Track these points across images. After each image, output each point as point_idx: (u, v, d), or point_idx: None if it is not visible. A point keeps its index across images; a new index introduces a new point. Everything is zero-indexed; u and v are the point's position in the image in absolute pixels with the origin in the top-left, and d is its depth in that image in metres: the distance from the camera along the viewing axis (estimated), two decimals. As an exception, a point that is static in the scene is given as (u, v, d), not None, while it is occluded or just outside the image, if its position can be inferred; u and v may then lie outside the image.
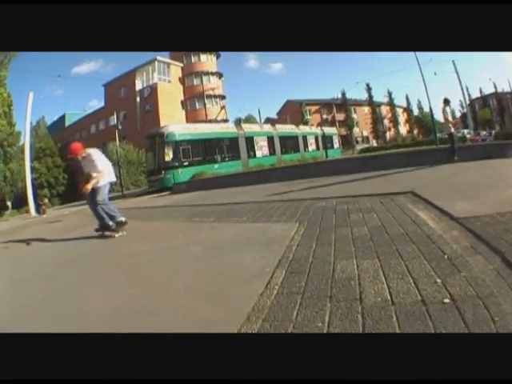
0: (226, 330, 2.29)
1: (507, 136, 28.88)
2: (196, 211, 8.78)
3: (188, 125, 33.46)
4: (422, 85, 30.61)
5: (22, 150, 26.39)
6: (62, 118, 64.07)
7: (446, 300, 2.24)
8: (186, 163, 23.64)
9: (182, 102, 52.72)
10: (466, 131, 43.85)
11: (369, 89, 72.22)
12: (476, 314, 2.02)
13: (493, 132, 41.87)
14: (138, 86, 50.86)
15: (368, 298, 2.46)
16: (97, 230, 7.05)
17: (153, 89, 49.24)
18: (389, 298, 2.41)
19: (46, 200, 24.54)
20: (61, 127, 60.84)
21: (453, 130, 11.35)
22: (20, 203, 30.98)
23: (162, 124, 37.48)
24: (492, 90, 73.81)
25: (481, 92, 76.50)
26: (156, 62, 50.08)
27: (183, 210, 9.67)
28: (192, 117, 49.76)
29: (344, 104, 70.56)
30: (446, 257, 2.97)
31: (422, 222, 4.16)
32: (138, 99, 49.98)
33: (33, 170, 30.54)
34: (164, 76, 51.37)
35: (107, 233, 6.87)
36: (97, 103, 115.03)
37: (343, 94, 69.98)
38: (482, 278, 2.46)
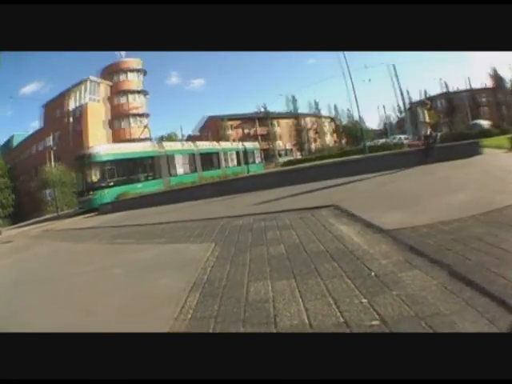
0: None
1: (455, 137, 28.23)
2: (119, 233, 8.70)
3: (113, 145, 33.01)
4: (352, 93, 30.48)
5: None
6: (11, 139, 63.32)
7: (375, 322, 2.10)
8: (112, 183, 23.61)
9: (108, 122, 52.49)
10: (403, 137, 44.33)
11: (294, 100, 72.56)
12: (410, 339, 1.87)
13: (438, 135, 40.53)
14: (72, 105, 50.18)
15: (283, 321, 2.33)
16: None
17: (83, 109, 48.83)
18: (306, 321, 2.27)
19: (0, 221, 25.24)
20: (9, 148, 60.35)
21: (429, 131, 11.34)
22: None
23: (90, 144, 37.78)
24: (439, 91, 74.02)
25: (425, 94, 73.35)
26: (88, 82, 50.06)
27: (107, 231, 9.56)
28: (117, 136, 49.81)
29: (266, 117, 70.40)
30: (372, 274, 2.77)
31: (344, 237, 3.95)
32: (71, 119, 49.27)
33: None
34: (94, 95, 51.19)
35: None
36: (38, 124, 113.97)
37: (265, 108, 70.22)
38: (423, 296, 2.27)
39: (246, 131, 69.84)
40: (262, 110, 68.76)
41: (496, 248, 2.87)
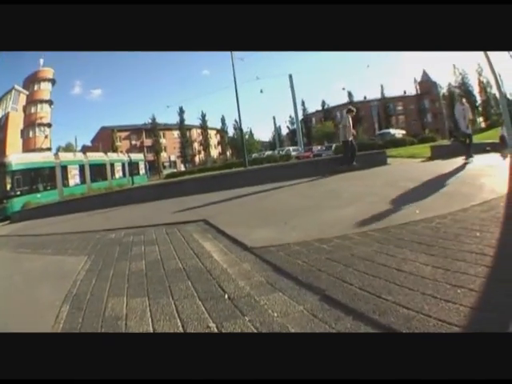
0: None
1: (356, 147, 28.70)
2: (22, 241, 8.34)
3: (22, 154, 33.55)
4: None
5: None
6: None
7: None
8: (19, 192, 23.64)
9: (21, 131, 52.14)
10: (291, 148, 45.04)
11: (181, 112, 73.50)
12: None
13: (333, 145, 39.34)
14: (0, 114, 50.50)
15: None
16: None
17: (5, 117, 49.29)
18: None
19: None
20: None
21: (351, 137, 11.16)
22: None
23: (8, 151, 38.63)
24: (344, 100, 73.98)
25: (323, 105, 77.54)
26: (13, 91, 50.64)
27: (14, 239, 9.13)
28: (27, 145, 49.69)
29: (153, 129, 71.29)
30: (226, 296, 2.68)
31: (205, 255, 3.88)
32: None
33: None
34: (14, 105, 51.33)
35: None
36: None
37: (153, 119, 70.97)
38: (281, 323, 2.13)
39: (134, 142, 70.65)
40: (150, 121, 69.58)
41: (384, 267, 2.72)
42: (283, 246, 3.50)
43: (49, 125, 54.03)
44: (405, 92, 71.49)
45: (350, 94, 72.68)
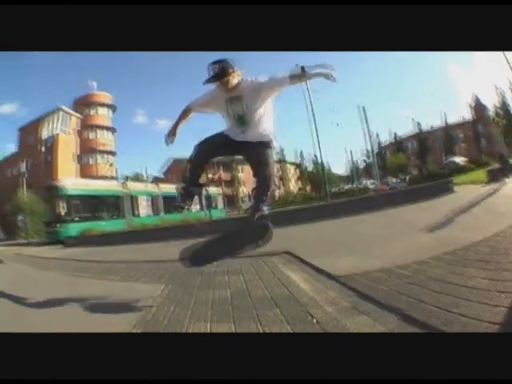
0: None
1: (426, 178, 27.39)
2: (78, 266, 8.59)
3: (80, 180, 33.53)
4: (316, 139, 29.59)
5: None
6: None
7: None
8: (77, 218, 23.83)
9: (77, 156, 52.10)
10: (369, 182, 44.77)
11: None
12: None
13: (407, 177, 40.87)
14: (44, 134, 49.90)
15: None
16: None
17: (54, 139, 48.66)
18: None
19: None
20: None
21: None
22: None
23: (59, 176, 37.90)
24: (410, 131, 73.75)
25: (396, 137, 76.17)
26: (60, 112, 50.12)
27: (68, 264, 9.48)
28: (85, 171, 49.32)
29: (230, 163, 70.44)
30: (314, 320, 2.65)
31: (291, 284, 3.88)
32: (43, 148, 48.92)
33: None
34: (65, 127, 51.02)
35: None
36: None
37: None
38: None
39: (210, 176, 69.25)
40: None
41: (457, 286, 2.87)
42: (366, 274, 3.60)
43: (113, 153, 54.31)
44: (463, 118, 69.13)
45: (418, 124, 71.82)
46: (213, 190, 44.85)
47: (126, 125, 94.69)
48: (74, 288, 5.56)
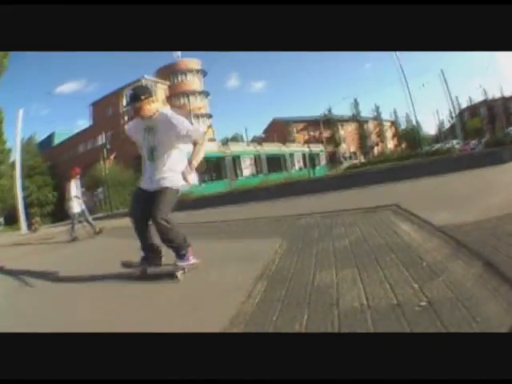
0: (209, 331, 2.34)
1: (497, 143, 28.24)
2: (187, 230, 8.36)
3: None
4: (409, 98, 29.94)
5: (13, 167, 27.03)
6: (51, 137, 62.56)
7: (423, 303, 2.27)
8: None
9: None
10: (455, 141, 44.78)
11: (356, 104, 72.34)
12: (454, 315, 2.04)
13: (482, 141, 41.14)
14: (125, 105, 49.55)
15: (344, 303, 2.52)
16: None
17: None
18: (365, 302, 2.45)
19: (38, 218, 25.16)
20: (49, 146, 59.78)
21: None
22: (11, 220, 31.50)
23: None
24: (482, 98, 73.20)
25: (470, 101, 75.57)
26: (142, 81, 49.01)
27: None
28: None
29: (330, 121, 70.25)
30: (424, 264, 2.97)
31: (403, 233, 4.18)
32: (126, 118, 47.79)
33: (23, 187, 30.29)
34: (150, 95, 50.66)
35: None
36: (85, 122, 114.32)
37: (329, 111, 69.99)
38: (462, 282, 2.48)
39: (311, 134, 69.33)
40: (326, 113, 68.32)
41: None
42: (460, 226, 3.83)
43: (208, 115, 54.05)
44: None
45: (484, 93, 71.17)
46: (315, 147, 44.58)
47: (219, 88, 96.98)
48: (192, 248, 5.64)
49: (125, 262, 4.37)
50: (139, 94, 3.96)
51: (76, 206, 10.27)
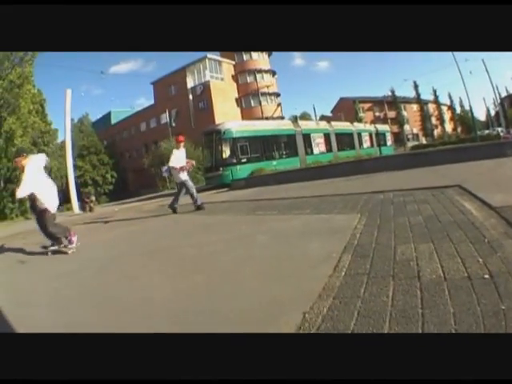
0: (298, 308, 2.46)
1: None
2: (258, 205, 8.89)
3: (245, 122, 32.94)
4: (461, 83, 29.70)
5: (63, 148, 27.36)
6: (108, 116, 64.17)
7: (486, 276, 2.47)
8: (244, 160, 23.78)
9: (236, 100, 52.16)
10: (499, 129, 45.73)
11: (416, 86, 71.68)
12: (507, 288, 2.24)
13: None
14: (190, 83, 50.68)
15: (425, 275, 2.69)
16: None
17: (205, 86, 49.66)
18: (442, 275, 2.65)
19: (93, 197, 24.92)
20: (106, 125, 61.24)
21: None
22: (61, 200, 31.91)
23: (216, 121, 37.47)
24: None
25: (507, 91, 73.75)
26: (207, 60, 50.01)
27: (245, 204, 9.84)
28: (247, 114, 49.10)
29: (394, 102, 70.19)
30: (486, 240, 3.21)
31: (467, 212, 4.41)
32: (190, 97, 49.76)
33: (75, 167, 31.50)
34: (216, 74, 51.16)
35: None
36: (144, 101, 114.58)
37: (393, 92, 69.64)
38: None
39: (377, 114, 70.28)
40: (390, 93, 68.09)
41: None
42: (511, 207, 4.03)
43: (277, 94, 53.78)
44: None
45: None
46: (381, 127, 44.07)
47: (286, 68, 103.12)
48: (268, 224, 5.96)
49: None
50: (17, 153, 5.31)
51: (182, 174, 10.01)
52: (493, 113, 72.90)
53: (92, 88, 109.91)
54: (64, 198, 27.76)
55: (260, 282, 3.24)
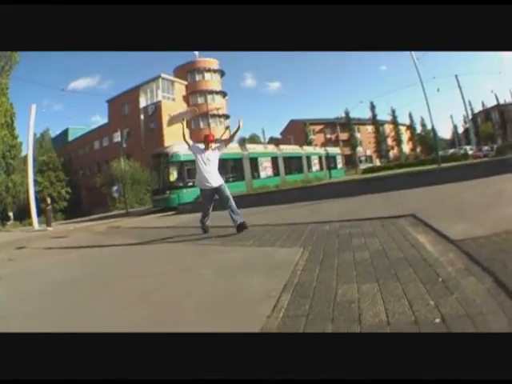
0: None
1: (508, 149, 28.93)
2: (202, 234, 8.54)
3: (196, 145, 31.87)
4: (425, 102, 30.18)
5: (25, 162, 27.62)
6: (65, 133, 64.36)
7: (437, 320, 2.30)
8: (191, 183, 23.21)
9: (187, 121, 51.73)
10: (468, 147, 45.21)
11: (372, 107, 72.35)
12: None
13: (494, 146, 41.95)
14: (142, 103, 50.96)
15: (366, 319, 2.52)
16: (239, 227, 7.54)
17: (157, 107, 49.30)
18: (385, 319, 2.48)
19: (50, 205, 25.11)
20: (64, 141, 61.36)
21: None
22: (22, 215, 32.26)
23: (166, 142, 38.01)
24: (494, 103, 73.50)
25: (483, 105, 76.90)
26: (160, 80, 50.68)
27: (189, 231, 9.45)
28: (196, 136, 47.39)
29: (347, 123, 71.01)
30: (440, 279, 3.04)
31: (420, 246, 4.19)
32: (142, 117, 50.03)
33: (35, 182, 31.93)
34: (168, 94, 51.64)
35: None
36: (100, 119, 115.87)
37: (347, 114, 70.19)
38: (473, 298, 2.54)
39: (328, 136, 71.17)
40: (344, 115, 68.71)
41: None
42: (474, 239, 3.87)
43: (226, 116, 54.38)
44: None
45: (496, 97, 72.99)
46: (332, 150, 44.91)
47: (235, 88, 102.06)
48: (209, 257, 5.75)
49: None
50: None
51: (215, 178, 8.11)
52: (461, 130, 75.47)
53: (53, 103, 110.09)
54: (25, 213, 28.09)
55: (200, 319, 3.09)
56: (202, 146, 8.19)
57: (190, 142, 8.28)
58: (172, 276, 4.86)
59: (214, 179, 7.84)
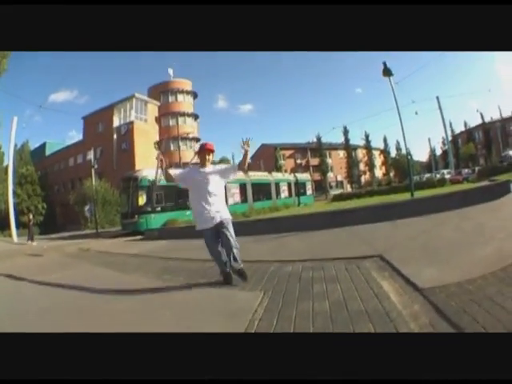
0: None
1: (491, 172, 28.50)
2: (166, 266, 8.51)
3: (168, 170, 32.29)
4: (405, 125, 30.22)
5: (6, 172, 28.28)
6: (43, 147, 64.24)
7: None
8: (159, 209, 23.79)
9: (157, 143, 51.39)
10: (445, 171, 44.61)
11: (345, 132, 72.12)
12: None
13: (476, 169, 41.81)
14: (116, 122, 50.54)
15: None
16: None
17: (129, 127, 48.81)
18: None
19: (32, 218, 25.39)
20: (41, 156, 60.94)
21: None
22: (2, 225, 32.23)
23: (137, 164, 38.83)
24: (479, 122, 74.26)
25: (465, 125, 77.59)
26: (134, 99, 50.36)
27: (154, 263, 9.39)
28: (166, 158, 47.94)
29: (319, 148, 71.02)
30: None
31: (383, 296, 3.99)
32: (114, 136, 49.61)
33: (15, 194, 32.30)
34: (141, 114, 51.39)
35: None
36: (76, 134, 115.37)
37: (318, 139, 70.47)
38: None
39: (298, 161, 71.26)
40: (315, 140, 69.14)
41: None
42: (445, 287, 3.75)
43: (197, 139, 53.66)
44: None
45: (481, 116, 73.42)
46: (302, 176, 44.71)
47: (208, 111, 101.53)
48: (173, 296, 5.53)
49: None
50: None
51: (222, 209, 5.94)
52: (439, 152, 76.29)
53: (34, 114, 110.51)
54: (4, 224, 28.21)
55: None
56: (195, 167, 5.93)
57: (176, 172, 6.04)
58: (141, 316, 4.63)
59: (218, 212, 5.56)
